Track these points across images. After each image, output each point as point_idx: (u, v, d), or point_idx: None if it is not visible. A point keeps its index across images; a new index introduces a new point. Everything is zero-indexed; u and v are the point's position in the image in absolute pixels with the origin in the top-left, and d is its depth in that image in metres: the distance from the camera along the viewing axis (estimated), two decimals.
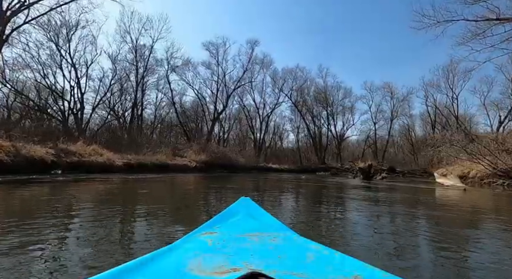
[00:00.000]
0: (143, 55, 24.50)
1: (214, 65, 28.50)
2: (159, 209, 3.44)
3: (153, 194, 5.10)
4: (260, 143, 32.10)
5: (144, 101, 26.64)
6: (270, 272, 0.59)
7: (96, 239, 1.93)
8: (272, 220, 1.28)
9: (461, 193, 6.73)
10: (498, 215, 3.77)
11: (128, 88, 25.49)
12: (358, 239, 2.16)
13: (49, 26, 19.29)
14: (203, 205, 3.96)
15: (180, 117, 27.23)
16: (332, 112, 33.19)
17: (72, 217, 2.82)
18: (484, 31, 12.45)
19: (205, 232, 1.02)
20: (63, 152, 9.04)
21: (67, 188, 5.39)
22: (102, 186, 6.00)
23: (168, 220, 2.79)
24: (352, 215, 3.37)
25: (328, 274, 0.66)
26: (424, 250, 1.98)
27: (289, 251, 0.84)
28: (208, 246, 0.85)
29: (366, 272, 0.66)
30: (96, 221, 2.52)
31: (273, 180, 11.22)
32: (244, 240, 0.91)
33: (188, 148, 20.58)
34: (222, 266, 0.67)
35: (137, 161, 12.38)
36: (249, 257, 0.74)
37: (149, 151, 15.32)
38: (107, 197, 4.55)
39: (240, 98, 31.83)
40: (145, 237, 2.06)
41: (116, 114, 24.99)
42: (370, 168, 11.33)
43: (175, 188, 6.61)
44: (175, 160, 15.77)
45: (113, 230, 2.24)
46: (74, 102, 22.30)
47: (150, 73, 25.81)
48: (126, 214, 3.03)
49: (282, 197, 5.09)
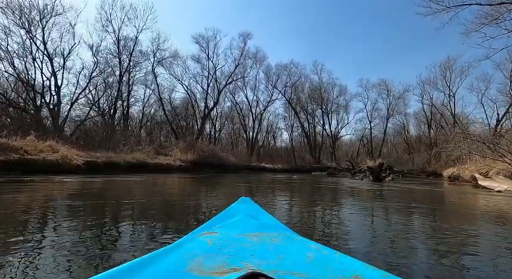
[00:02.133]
0: (127, 47, 22.42)
1: (205, 59, 26.59)
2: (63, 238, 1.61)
3: (85, 206, 3.23)
4: (253, 142, 30.27)
5: (131, 97, 24.61)
6: (270, 272, 0.58)
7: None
8: (272, 220, 1.28)
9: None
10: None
11: (114, 83, 23.40)
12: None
13: (21, 12, 17.18)
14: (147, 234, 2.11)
15: (167, 114, 25.19)
16: (327, 110, 31.64)
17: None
18: (502, 14, 10.92)
19: (205, 232, 0.99)
20: (1, 148, 7.06)
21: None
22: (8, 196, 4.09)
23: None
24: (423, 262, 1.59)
25: (328, 274, 0.64)
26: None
27: (289, 251, 0.81)
28: (208, 247, 0.81)
29: (366, 272, 0.63)
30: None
31: (266, 181, 9.46)
32: (244, 240, 0.88)
33: (174, 146, 18.65)
34: (222, 266, 0.65)
35: (107, 159, 10.42)
36: (249, 257, 0.72)
37: (127, 149, 13.34)
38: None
39: (232, 95, 30.01)
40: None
41: (102, 111, 22.83)
42: (381, 167, 9.64)
43: (134, 195, 4.74)
44: (157, 159, 13.82)
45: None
46: (51, 96, 20.16)
47: (136, 66, 23.76)
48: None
49: (283, 213, 3.29)
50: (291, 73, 30.23)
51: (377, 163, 9.46)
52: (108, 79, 23.05)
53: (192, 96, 27.21)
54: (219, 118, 31.22)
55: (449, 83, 27.93)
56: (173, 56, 24.47)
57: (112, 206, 3.32)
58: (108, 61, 22.18)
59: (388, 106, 31.07)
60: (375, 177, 9.35)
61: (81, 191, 4.69)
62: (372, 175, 9.40)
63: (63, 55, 19.92)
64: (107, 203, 3.57)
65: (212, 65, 26.68)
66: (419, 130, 32.69)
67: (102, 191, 4.97)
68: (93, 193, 4.50)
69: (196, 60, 26.34)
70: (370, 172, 9.51)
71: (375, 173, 9.27)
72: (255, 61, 28.51)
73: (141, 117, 27.02)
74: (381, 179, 9.31)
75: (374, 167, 9.52)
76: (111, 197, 4.20)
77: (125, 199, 3.97)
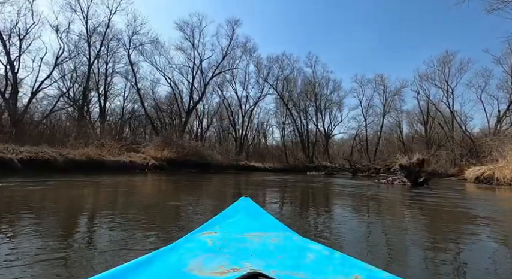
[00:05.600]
0: (99, 32, 19.14)
1: (189, 48, 23.55)
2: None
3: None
4: (242, 139, 27.39)
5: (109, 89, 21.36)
6: (270, 272, 0.57)
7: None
8: (272, 220, 1.23)
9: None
10: None
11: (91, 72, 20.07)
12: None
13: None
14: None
15: (146, 107, 22.01)
16: (320, 107, 29.09)
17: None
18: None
19: (205, 232, 0.97)
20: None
21: None
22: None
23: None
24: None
25: (328, 274, 0.62)
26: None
27: (289, 251, 0.78)
28: (208, 247, 0.78)
29: (366, 272, 0.62)
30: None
31: (254, 185, 6.71)
32: (245, 240, 0.85)
33: (149, 142, 15.62)
34: (222, 266, 0.63)
35: (34, 155, 7.39)
36: (249, 257, 0.70)
37: (80, 144, 10.26)
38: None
39: (220, 89, 27.05)
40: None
41: (73, 102, 19.44)
42: (421, 166, 6.60)
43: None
44: (119, 157, 10.79)
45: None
46: (6, 83, 16.77)
47: (110, 54, 20.51)
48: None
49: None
50: (283, 66, 27.53)
51: (414, 160, 6.63)
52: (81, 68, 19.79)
53: (176, 89, 24.14)
54: (206, 115, 28.25)
55: (448, 78, 25.92)
56: (152, 41, 21.32)
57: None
58: (77, 46, 18.90)
59: (384, 102, 28.79)
60: (413, 180, 6.39)
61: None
62: (407, 177, 6.53)
63: (19, 36, 16.58)
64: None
65: (197, 55, 23.70)
66: (414, 127, 30.65)
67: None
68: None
69: (179, 48, 23.25)
70: (406, 173, 6.59)
71: (413, 175, 6.40)
72: (244, 51, 25.66)
73: (121, 112, 23.83)
74: (420, 183, 6.42)
75: (410, 165, 6.59)
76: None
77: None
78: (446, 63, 25.97)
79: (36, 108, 19.35)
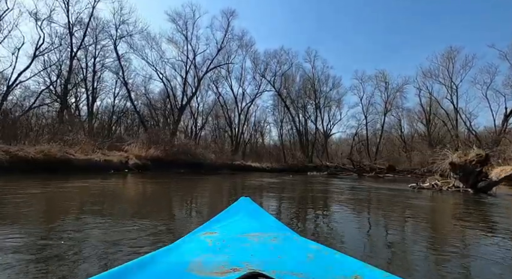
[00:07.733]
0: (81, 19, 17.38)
1: (182, 41, 21.84)
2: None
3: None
4: (238, 138, 25.71)
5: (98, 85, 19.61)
6: (270, 272, 0.55)
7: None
8: (272, 220, 1.19)
9: None
10: None
11: (76, 66, 18.28)
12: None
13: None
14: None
15: (133, 101, 20.25)
16: (319, 104, 27.52)
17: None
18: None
19: (205, 232, 0.93)
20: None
21: None
22: None
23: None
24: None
25: (328, 274, 0.61)
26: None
27: (289, 251, 0.75)
28: (208, 247, 0.76)
29: (366, 272, 0.60)
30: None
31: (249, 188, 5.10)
32: (244, 240, 0.81)
33: (135, 139, 13.90)
34: (222, 266, 0.61)
35: None
36: (249, 257, 0.67)
37: (43, 140, 8.53)
38: None
39: (215, 85, 25.36)
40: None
41: (57, 97, 17.63)
42: (484, 164, 4.80)
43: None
44: (92, 155, 9.08)
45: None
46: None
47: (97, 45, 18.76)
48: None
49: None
50: (281, 61, 25.90)
51: (473, 155, 4.74)
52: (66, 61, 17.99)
53: (169, 85, 22.41)
54: (201, 113, 26.54)
55: (452, 75, 24.49)
56: (141, 32, 19.59)
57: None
58: (59, 36, 17.12)
59: (386, 99, 27.28)
60: (472, 185, 4.69)
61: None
62: (462, 180, 4.76)
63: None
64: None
65: (191, 48, 21.99)
66: (416, 126, 29.21)
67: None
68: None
69: (171, 41, 21.53)
70: (461, 175, 4.75)
71: (472, 177, 4.63)
72: (240, 45, 23.99)
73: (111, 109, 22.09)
74: (483, 189, 4.67)
75: (465, 164, 4.75)
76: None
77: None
78: (450, 59, 24.55)
79: (21, 104, 17.61)
